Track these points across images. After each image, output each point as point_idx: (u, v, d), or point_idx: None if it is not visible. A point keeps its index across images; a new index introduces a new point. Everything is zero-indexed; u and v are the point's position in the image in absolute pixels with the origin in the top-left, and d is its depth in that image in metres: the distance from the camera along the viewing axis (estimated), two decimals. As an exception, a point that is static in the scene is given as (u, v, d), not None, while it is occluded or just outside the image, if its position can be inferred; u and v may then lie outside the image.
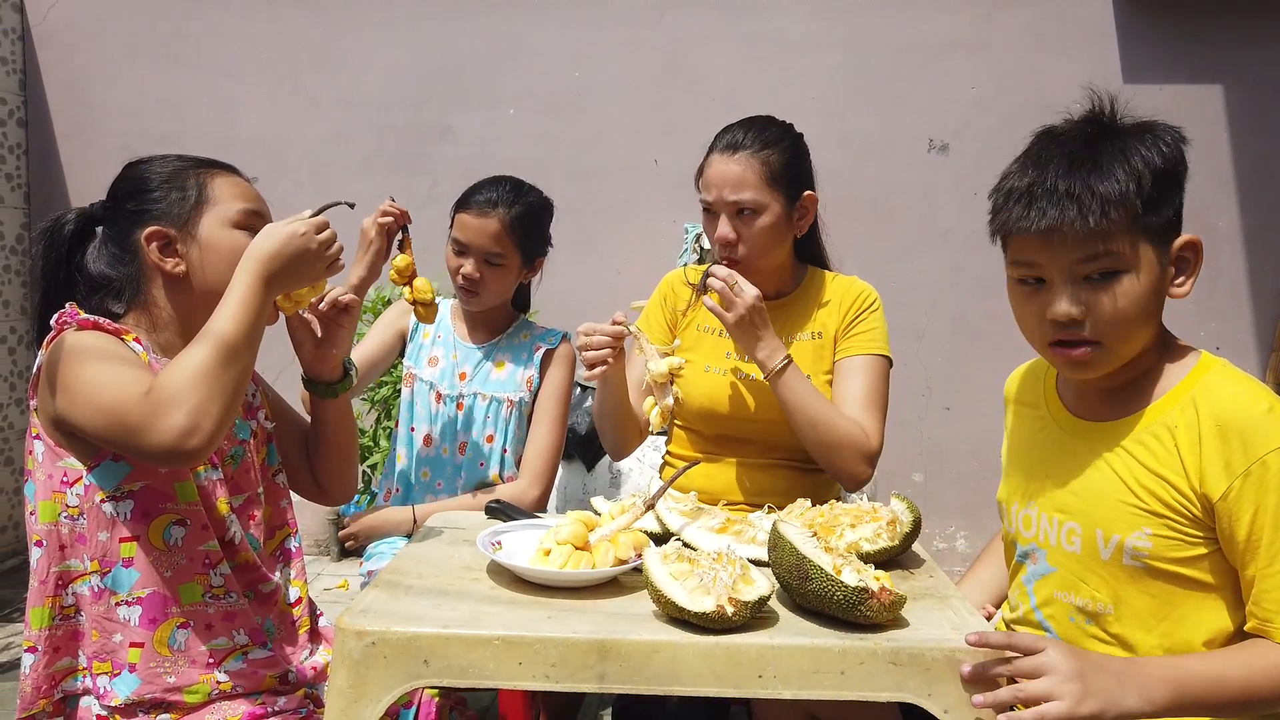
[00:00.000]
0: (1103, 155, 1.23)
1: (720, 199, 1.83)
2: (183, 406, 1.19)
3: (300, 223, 1.36)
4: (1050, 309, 1.26)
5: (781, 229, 1.87)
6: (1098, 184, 1.21)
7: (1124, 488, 1.27)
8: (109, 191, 1.47)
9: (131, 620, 1.33)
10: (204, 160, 1.49)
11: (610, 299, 3.55)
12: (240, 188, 1.48)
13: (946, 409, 3.80)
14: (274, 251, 1.33)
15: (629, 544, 1.34)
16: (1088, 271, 1.24)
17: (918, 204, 3.75)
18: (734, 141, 1.85)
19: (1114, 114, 1.30)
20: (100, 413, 1.23)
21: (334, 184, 3.86)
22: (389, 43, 3.85)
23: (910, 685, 1.13)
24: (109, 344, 1.31)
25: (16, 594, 3.43)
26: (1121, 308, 1.23)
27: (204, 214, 1.43)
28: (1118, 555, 1.28)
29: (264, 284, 1.32)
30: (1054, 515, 1.36)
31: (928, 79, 3.71)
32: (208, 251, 1.42)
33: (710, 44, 3.77)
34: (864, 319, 1.92)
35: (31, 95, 3.92)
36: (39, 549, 1.33)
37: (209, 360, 1.23)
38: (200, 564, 1.37)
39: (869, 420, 1.81)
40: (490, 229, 2.07)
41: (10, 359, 3.83)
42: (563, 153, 3.82)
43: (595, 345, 1.71)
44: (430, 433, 2.18)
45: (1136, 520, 1.26)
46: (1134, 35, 3.63)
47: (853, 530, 1.43)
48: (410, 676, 1.14)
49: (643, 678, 1.13)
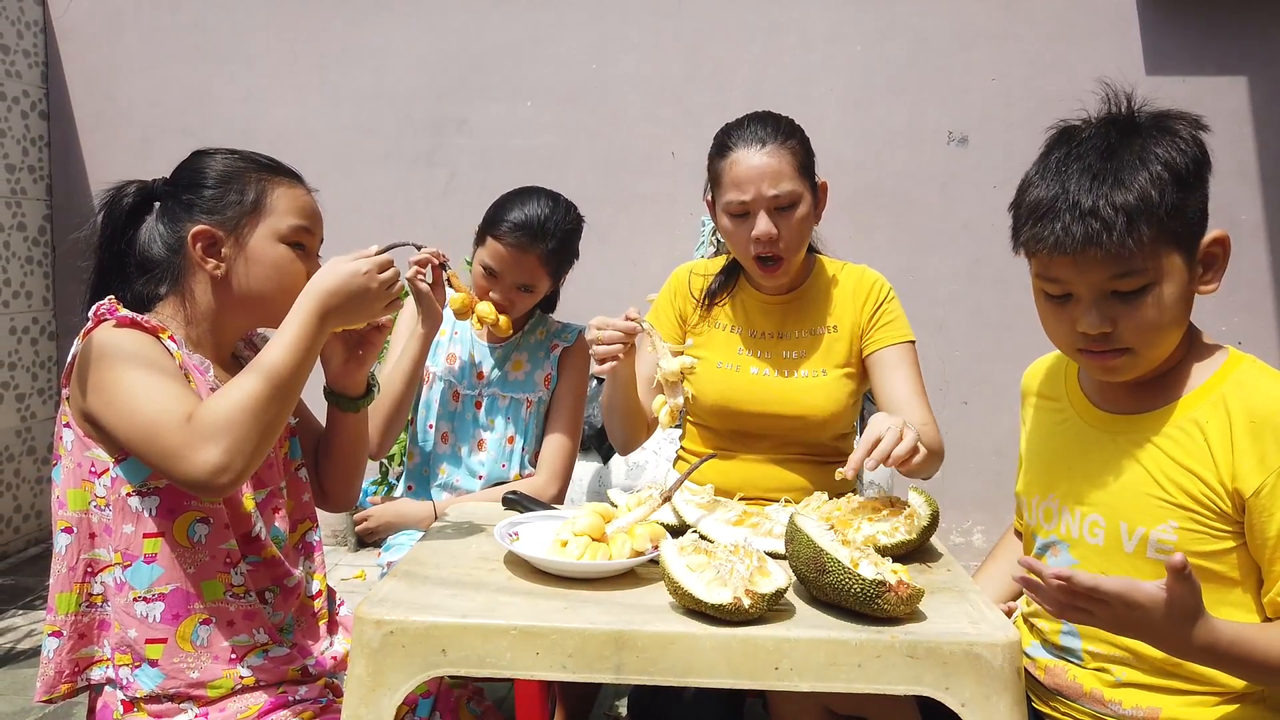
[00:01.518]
0: (1124, 167, 1.21)
1: (759, 194, 1.76)
2: (221, 444, 1.20)
3: (364, 260, 1.35)
4: (1079, 323, 1.25)
5: (811, 220, 1.86)
6: (1122, 199, 1.19)
7: (1151, 481, 1.27)
8: (173, 172, 1.46)
9: (152, 616, 1.33)
10: (270, 164, 1.47)
11: (627, 291, 3.55)
12: (298, 201, 1.46)
13: (965, 403, 3.78)
14: (335, 288, 1.32)
15: (646, 536, 1.34)
16: (1116, 288, 1.23)
17: (937, 196, 3.73)
18: (758, 135, 1.79)
19: (1131, 111, 1.28)
20: (135, 426, 1.23)
21: (355, 175, 3.88)
22: (409, 35, 3.86)
23: (927, 678, 1.12)
24: (146, 347, 1.30)
25: (38, 582, 3.47)
26: (1151, 318, 1.23)
27: (256, 223, 1.41)
28: (1142, 548, 1.27)
29: (321, 320, 1.32)
30: (1077, 508, 1.35)
31: (948, 70, 3.69)
32: (251, 262, 1.41)
33: (730, 35, 3.75)
34: (885, 308, 1.91)
35: (53, 87, 3.96)
36: (67, 535, 1.34)
37: (257, 395, 1.23)
38: (222, 562, 1.37)
39: (925, 409, 1.82)
40: (527, 264, 2.04)
41: (33, 349, 3.87)
42: (581, 144, 3.82)
43: (607, 341, 1.68)
44: (448, 431, 2.18)
45: (1163, 513, 1.25)
46: (1157, 26, 3.59)
47: (870, 523, 1.43)
48: (428, 666, 1.15)
49: (659, 669, 1.14)
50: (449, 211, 3.86)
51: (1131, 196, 1.19)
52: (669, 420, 1.72)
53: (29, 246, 3.85)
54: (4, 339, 3.72)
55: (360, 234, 4.09)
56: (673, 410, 1.70)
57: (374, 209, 3.90)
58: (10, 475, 3.75)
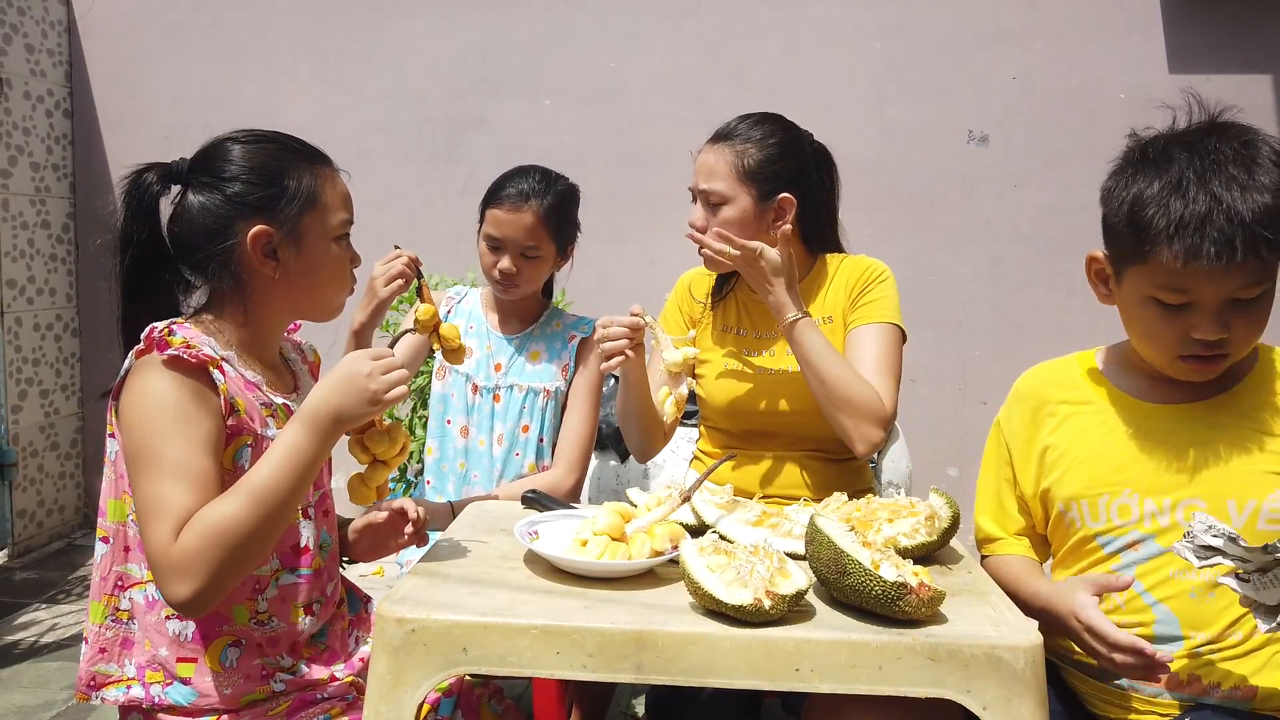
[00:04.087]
0: (1256, 177, 1.24)
1: (695, 185, 1.89)
2: (193, 583, 1.17)
3: (367, 361, 1.27)
4: (1197, 330, 1.28)
5: (749, 224, 1.85)
6: (1265, 208, 1.22)
7: (1248, 455, 1.33)
8: (195, 156, 1.41)
9: (185, 635, 1.32)
10: (308, 151, 1.44)
11: (645, 289, 3.55)
12: (339, 191, 1.44)
13: (983, 403, 3.76)
14: (334, 406, 1.26)
15: (665, 536, 1.34)
16: (1239, 295, 1.27)
17: (957, 195, 3.71)
18: (722, 132, 1.89)
19: (1221, 118, 1.34)
20: (138, 503, 1.24)
21: (374, 173, 3.89)
22: (429, 33, 3.87)
23: (949, 681, 1.12)
24: (185, 399, 1.25)
25: (62, 576, 3.51)
26: (1260, 324, 1.30)
27: (310, 222, 1.39)
28: (1253, 520, 1.31)
29: (319, 438, 1.25)
30: (1165, 498, 1.37)
31: (969, 69, 3.67)
32: (308, 265, 1.39)
33: (749, 33, 3.74)
34: (871, 289, 1.90)
35: (77, 86, 3.99)
36: (104, 545, 1.35)
37: (239, 523, 1.19)
38: (250, 589, 1.35)
39: (881, 384, 1.78)
40: (525, 222, 2.08)
41: (56, 345, 3.91)
42: (599, 143, 3.82)
43: (612, 337, 1.72)
44: (467, 425, 2.19)
45: (1270, 482, 1.31)
46: (1181, 23, 3.55)
47: (890, 525, 1.42)
48: (449, 664, 1.15)
49: (679, 669, 1.14)
50: (467, 210, 3.82)
51: (1273, 204, 1.22)
52: (674, 411, 1.74)
53: (53, 244, 3.89)
54: (28, 335, 3.75)
55: (379, 232, 4.11)
56: (678, 400, 1.72)
57: (393, 207, 3.91)
58: (34, 470, 3.78)
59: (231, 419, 1.30)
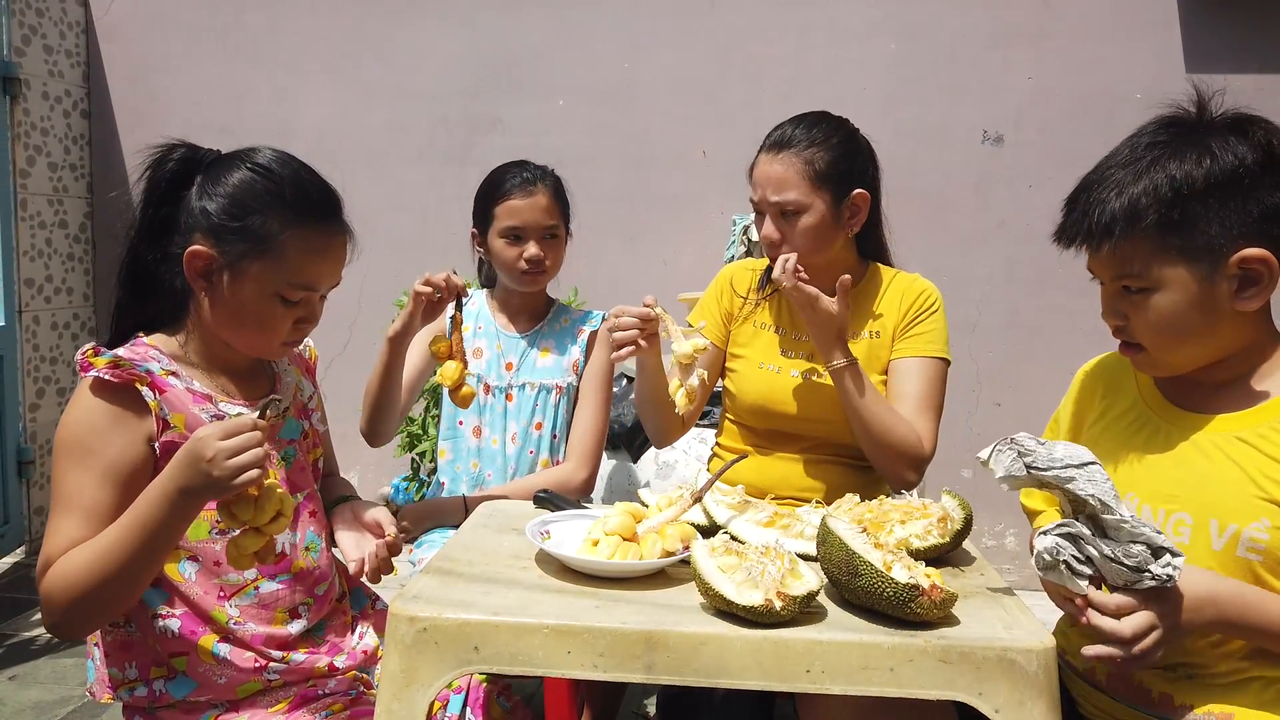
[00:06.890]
0: (1130, 173, 1.26)
1: (764, 199, 1.84)
2: (52, 616, 1.23)
3: (213, 443, 1.15)
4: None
5: (827, 229, 1.84)
6: (1110, 206, 1.25)
7: (1245, 477, 1.26)
8: (221, 156, 1.40)
9: (171, 631, 1.34)
10: (310, 206, 1.37)
11: (658, 289, 3.54)
12: (317, 257, 1.37)
13: (997, 405, 3.74)
14: (179, 485, 1.18)
15: (676, 536, 1.34)
16: (1125, 284, 1.29)
17: (972, 196, 3.70)
18: (780, 140, 1.84)
19: (1200, 111, 1.32)
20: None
21: (388, 174, 3.91)
22: (444, 34, 3.89)
23: (960, 684, 1.12)
24: (98, 427, 1.26)
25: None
26: (1153, 321, 1.28)
27: (258, 266, 1.34)
28: (1232, 546, 1.25)
29: (170, 510, 1.18)
30: (1160, 505, 1.33)
31: (984, 69, 3.65)
32: (237, 304, 1.35)
33: (763, 33, 3.74)
34: (923, 320, 1.89)
35: (94, 87, 4.02)
36: None
37: (89, 577, 1.19)
38: (215, 597, 1.37)
39: (923, 425, 1.80)
40: (542, 204, 2.12)
41: (74, 344, 3.94)
42: (613, 143, 3.82)
43: (623, 327, 1.72)
44: (480, 424, 2.19)
45: (1257, 510, 1.24)
46: (1198, 23, 3.52)
47: (902, 526, 1.42)
48: (461, 662, 1.16)
49: (690, 669, 1.14)
50: (481, 210, 3.87)
51: (1119, 206, 1.24)
52: (684, 402, 1.74)
53: (70, 244, 3.92)
54: (45, 335, 3.78)
55: (393, 232, 4.12)
56: (689, 391, 1.72)
57: (407, 207, 3.93)
58: (51, 468, 3.80)
59: (167, 434, 1.30)
